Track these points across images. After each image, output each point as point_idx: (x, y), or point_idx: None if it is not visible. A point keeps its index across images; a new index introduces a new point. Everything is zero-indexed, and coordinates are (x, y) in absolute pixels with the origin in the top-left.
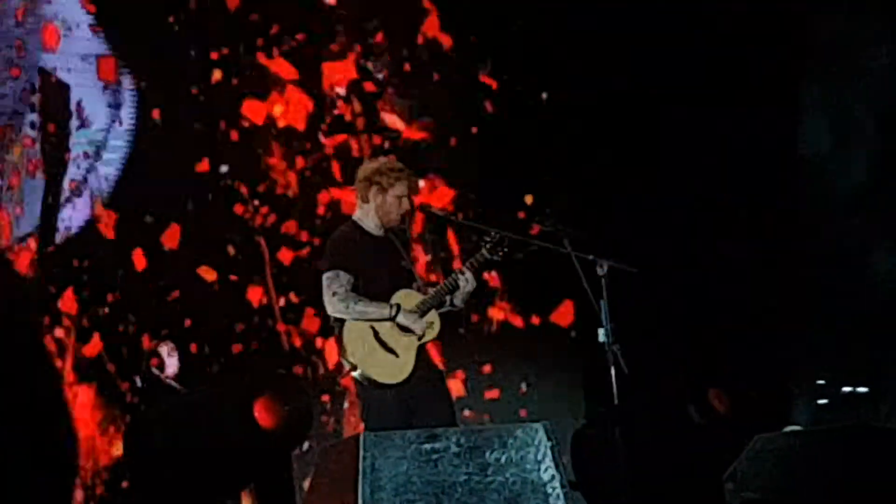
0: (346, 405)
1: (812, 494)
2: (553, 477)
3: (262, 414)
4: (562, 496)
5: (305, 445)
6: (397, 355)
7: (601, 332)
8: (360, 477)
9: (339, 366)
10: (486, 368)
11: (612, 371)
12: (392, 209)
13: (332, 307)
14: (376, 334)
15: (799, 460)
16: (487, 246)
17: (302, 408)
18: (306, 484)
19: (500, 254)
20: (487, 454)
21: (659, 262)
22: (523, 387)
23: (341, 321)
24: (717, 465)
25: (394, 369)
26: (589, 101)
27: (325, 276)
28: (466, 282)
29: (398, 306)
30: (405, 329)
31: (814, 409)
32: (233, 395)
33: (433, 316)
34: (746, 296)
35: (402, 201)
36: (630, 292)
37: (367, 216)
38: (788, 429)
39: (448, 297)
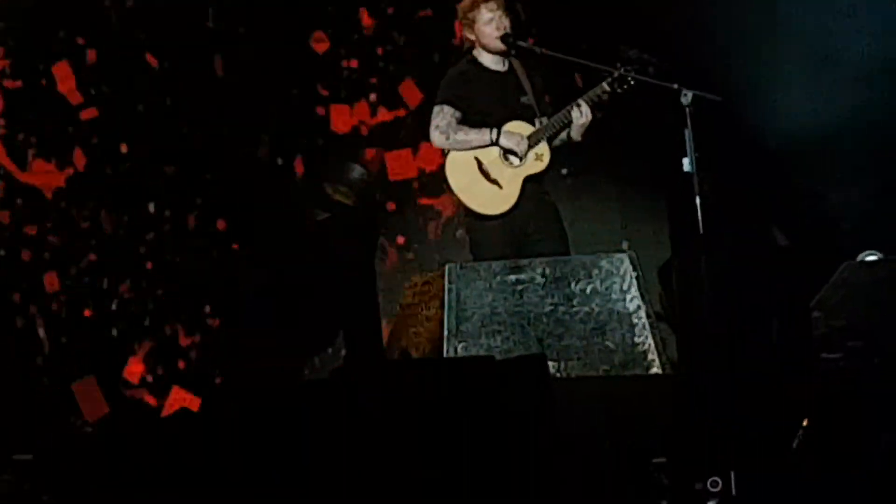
0: None
1: None
2: (639, 307)
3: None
4: (647, 326)
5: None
6: (501, 186)
7: (686, 161)
8: (446, 308)
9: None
10: None
11: (698, 200)
12: (488, 38)
13: (436, 140)
14: (480, 165)
15: (886, 288)
16: (608, 80)
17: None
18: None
19: (623, 88)
20: (573, 284)
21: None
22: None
23: (445, 155)
24: (806, 294)
25: (497, 200)
26: None
27: (433, 112)
28: (581, 114)
29: (499, 129)
30: (510, 160)
31: None
32: None
33: (543, 148)
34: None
35: (494, 25)
36: (716, 122)
37: (481, 53)
38: (866, 256)
39: (565, 131)
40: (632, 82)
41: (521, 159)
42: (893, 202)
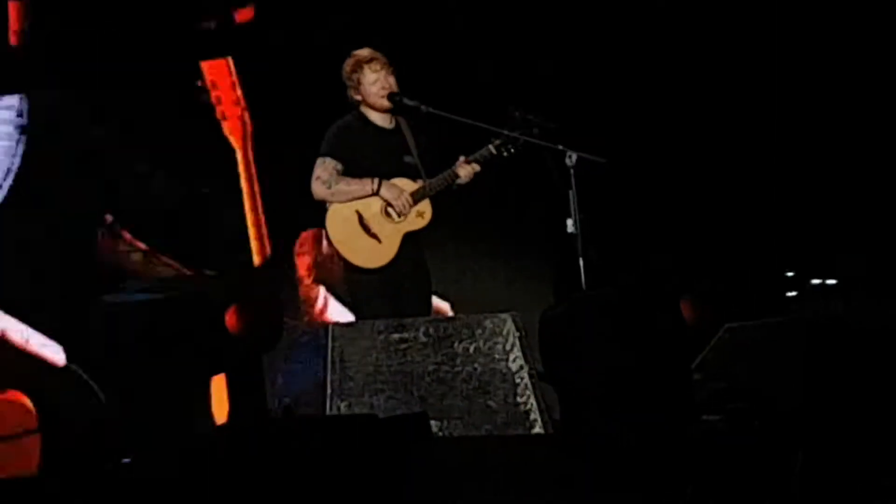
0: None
1: (780, 384)
2: (521, 367)
3: (232, 322)
4: (530, 386)
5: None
6: (380, 241)
7: (569, 222)
8: (329, 367)
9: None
10: None
11: (581, 261)
12: (374, 98)
13: (317, 191)
14: (361, 219)
15: (767, 350)
16: (496, 143)
17: (273, 317)
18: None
19: (509, 152)
20: (456, 344)
21: (629, 152)
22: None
23: (326, 208)
24: (687, 357)
25: (375, 254)
26: None
27: (315, 164)
28: (465, 175)
29: (380, 180)
30: (391, 215)
31: (783, 301)
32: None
33: (425, 206)
34: (718, 190)
35: (379, 85)
36: (598, 184)
37: (368, 110)
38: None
39: (448, 187)
40: (520, 147)
41: (400, 215)
42: None
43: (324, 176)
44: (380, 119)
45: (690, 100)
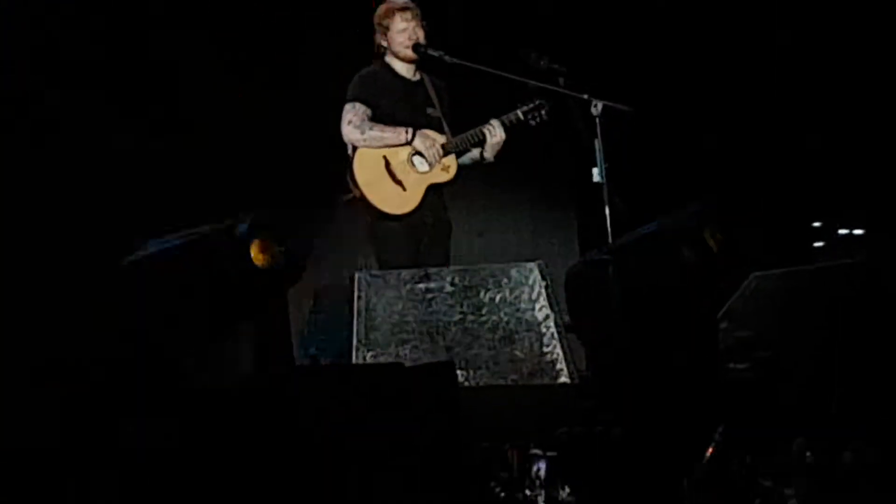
0: None
1: (806, 332)
2: (547, 316)
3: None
4: (556, 335)
5: None
6: (404, 188)
7: (595, 171)
8: (356, 317)
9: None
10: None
11: (607, 211)
12: (399, 47)
13: (349, 135)
14: (387, 164)
15: (794, 299)
16: (523, 109)
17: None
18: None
19: (537, 119)
20: (482, 294)
21: (657, 101)
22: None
23: (354, 150)
24: (714, 304)
25: (398, 200)
26: None
27: (344, 108)
28: (494, 135)
29: (414, 130)
30: (417, 165)
31: (810, 251)
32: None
33: (450, 160)
34: (745, 139)
35: (406, 35)
36: (625, 132)
37: (393, 60)
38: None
39: (477, 150)
40: (545, 115)
41: (430, 165)
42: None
43: (355, 120)
44: (404, 70)
45: (718, 46)
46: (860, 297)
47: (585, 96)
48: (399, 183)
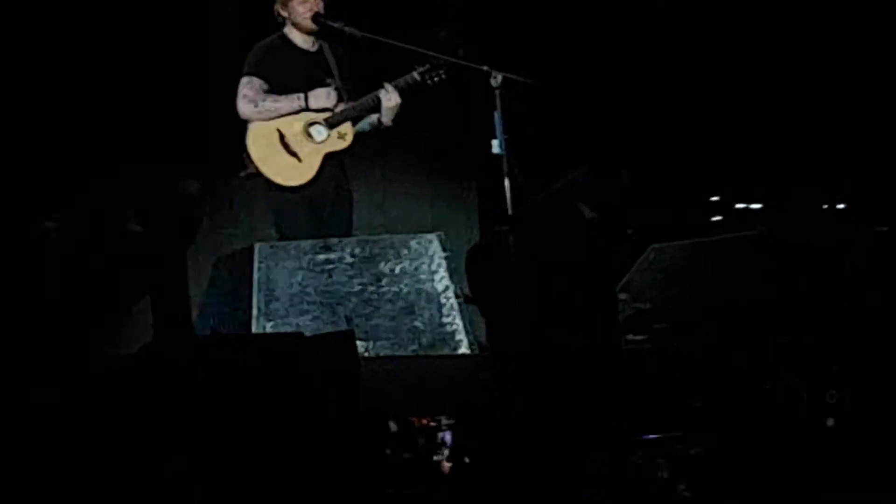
0: None
1: (704, 304)
2: (447, 287)
3: None
4: (455, 306)
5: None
6: (300, 160)
7: (495, 143)
8: (255, 288)
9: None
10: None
11: (506, 182)
12: (300, 17)
13: (243, 109)
14: (282, 137)
15: (692, 270)
16: (420, 70)
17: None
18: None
19: (434, 80)
20: (382, 265)
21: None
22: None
23: (248, 125)
24: (613, 277)
25: (295, 172)
26: None
27: (240, 83)
28: (389, 98)
29: (306, 94)
30: (312, 135)
31: (707, 225)
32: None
33: (346, 128)
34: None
35: (307, 6)
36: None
37: (292, 30)
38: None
39: (375, 115)
40: (443, 75)
41: (329, 127)
42: None
43: (250, 94)
44: (302, 41)
45: (617, 18)
46: (759, 268)
47: (485, 68)
48: (294, 154)
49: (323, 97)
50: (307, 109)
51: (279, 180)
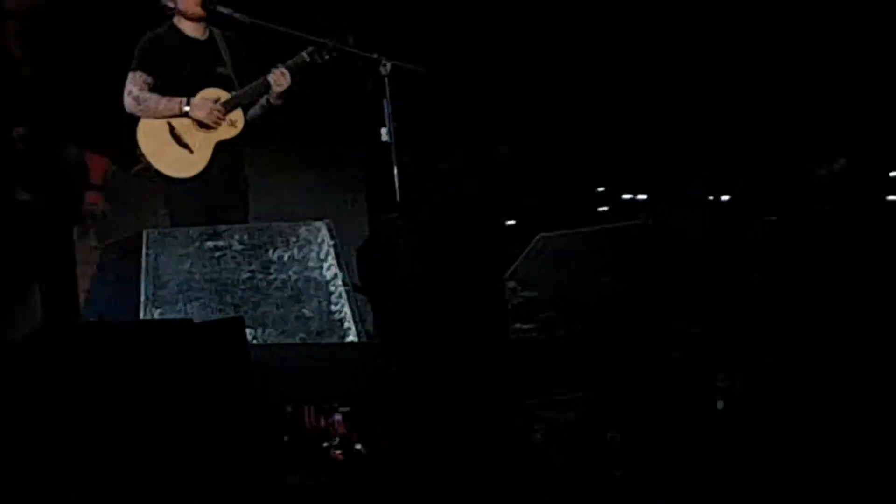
0: None
1: (591, 292)
2: (336, 275)
3: None
4: (344, 294)
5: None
6: (192, 151)
7: (384, 131)
8: (143, 274)
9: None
10: None
11: (395, 170)
12: (188, 4)
13: (128, 105)
14: (172, 129)
15: (579, 259)
16: (309, 49)
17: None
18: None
19: (323, 59)
20: (270, 252)
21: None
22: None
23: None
24: (502, 265)
25: (186, 163)
26: None
27: (127, 77)
28: (279, 84)
29: (188, 99)
30: (203, 125)
31: (594, 215)
32: None
33: (237, 115)
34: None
35: None
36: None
37: (181, 20)
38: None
39: (264, 97)
40: (333, 54)
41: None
42: None
43: (134, 90)
44: (192, 30)
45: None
46: (644, 256)
47: (375, 55)
48: (185, 146)
49: (205, 111)
50: (186, 116)
51: (171, 173)
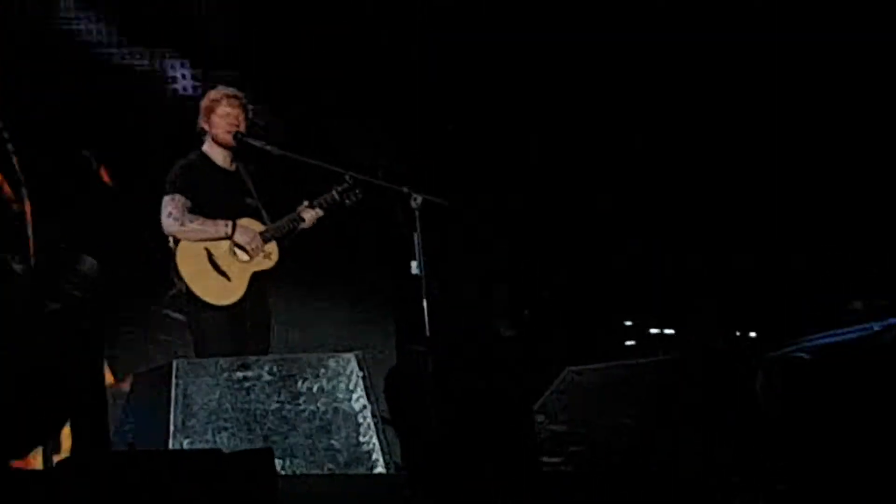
0: None
1: (620, 427)
2: (364, 407)
3: None
4: (373, 426)
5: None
6: (229, 279)
7: (414, 264)
8: (173, 404)
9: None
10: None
11: (425, 303)
12: (220, 131)
13: (169, 227)
14: (210, 256)
15: (607, 394)
16: (338, 189)
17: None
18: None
19: (352, 199)
20: (299, 383)
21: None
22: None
23: (177, 243)
24: (530, 399)
25: (225, 291)
26: None
27: (163, 200)
28: (313, 217)
29: (234, 223)
30: (239, 254)
31: (622, 349)
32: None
33: (271, 247)
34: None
35: (228, 121)
36: (443, 225)
37: (212, 147)
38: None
39: (292, 230)
40: (360, 195)
41: (251, 256)
42: None
43: (175, 212)
44: (221, 159)
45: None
46: (674, 391)
47: (405, 189)
48: (224, 274)
49: (248, 236)
50: (230, 239)
51: (210, 299)
